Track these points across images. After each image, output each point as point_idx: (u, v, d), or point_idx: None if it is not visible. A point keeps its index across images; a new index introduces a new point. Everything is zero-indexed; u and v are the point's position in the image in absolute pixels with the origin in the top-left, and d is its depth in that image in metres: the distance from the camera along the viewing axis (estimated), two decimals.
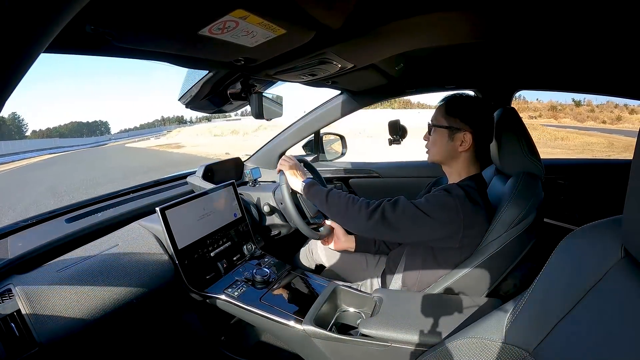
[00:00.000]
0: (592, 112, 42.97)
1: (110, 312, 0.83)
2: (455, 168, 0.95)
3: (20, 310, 0.71)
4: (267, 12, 0.57)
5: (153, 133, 57.50)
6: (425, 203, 0.86)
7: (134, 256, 0.93)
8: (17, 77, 0.23)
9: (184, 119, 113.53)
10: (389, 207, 0.87)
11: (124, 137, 56.71)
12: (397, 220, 0.85)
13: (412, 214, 0.85)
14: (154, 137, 40.83)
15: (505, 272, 0.90)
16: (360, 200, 0.92)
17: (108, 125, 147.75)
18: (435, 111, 0.97)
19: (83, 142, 46.33)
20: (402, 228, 0.85)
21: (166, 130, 57.99)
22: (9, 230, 0.97)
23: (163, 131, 56.71)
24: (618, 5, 0.62)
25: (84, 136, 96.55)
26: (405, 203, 0.87)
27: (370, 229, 0.88)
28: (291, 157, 1.16)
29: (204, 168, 1.43)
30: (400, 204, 0.87)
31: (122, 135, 65.41)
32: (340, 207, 0.93)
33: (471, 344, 0.54)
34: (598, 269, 0.43)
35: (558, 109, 42.78)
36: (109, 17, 0.50)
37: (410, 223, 0.85)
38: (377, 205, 0.88)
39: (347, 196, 0.94)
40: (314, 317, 0.86)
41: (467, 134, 0.90)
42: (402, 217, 0.85)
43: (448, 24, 0.77)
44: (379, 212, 0.86)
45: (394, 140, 1.52)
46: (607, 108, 43.95)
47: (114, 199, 1.26)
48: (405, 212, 0.85)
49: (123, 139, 52.58)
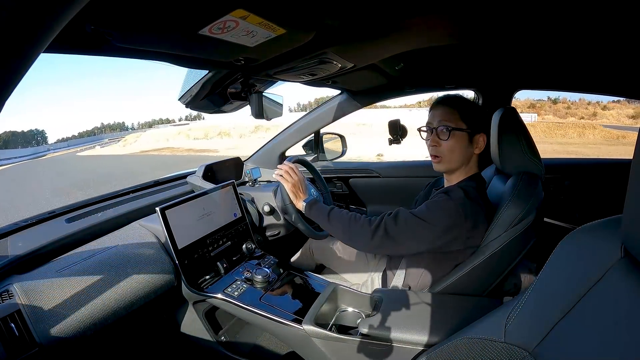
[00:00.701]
0: (569, 109, 43.87)
1: (110, 311, 0.83)
2: (460, 171, 0.94)
3: (20, 311, 0.71)
4: (267, 11, 0.57)
5: (96, 141, 51.46)
6: (426, 211, 0.85)
7: (134, 256, 0.93)
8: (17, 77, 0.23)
9: (125, 125, 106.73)
10: (390, 222, 0.86)
11: (63, 147, 48.46)
12: (400, 234, 0.85)
13: (414, 225, 0.84)
14: (99, 146, 36.59)
15: (505, 271, 0.90)
16: (362, 218, 0.90)
17: (45, 134, 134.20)
18: (444, 115, 0.90)
19: (21, 154, 36.44)
20: (406, 241, 0.85)
21: (109, 138, 51.97)
22: (9, 230, 0.97)
23: (104, 139, 51.58)
24: (618, 5, 0.62)
25: (19, 147, 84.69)
26: (405, 215, 0.86)
27: (374, 247, 0.87)
28: (294, 170, 1.08)
29: (204, 168, 1.43)
30: (400, 217, 0.86)
31: (61, 145, 54.28)
32: (343, 227, 0.91)
33: (471, 344, 0.54)
34: (598, 269, 0.43)
35: (537, 106, 43.18)
36: (110, 17, 0.50)
37: (414, 234, 0.84)
38: (379, 222, 0.87)
39: (349, 215, 0.92)
40: (314, 317, 0.86)
41: (482, 135, 0.90)
42: (405, 229, 0.84)
43: (447, 24, 0.77)
44: (381, 229, 0.85)
45: (394, 140, 1.52)
46: (581, 105, 44.98)
47: (114, 199, 1.26)
48: (408, 224, 0.84)
49: (62, 149, 45.48)
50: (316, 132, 1.80)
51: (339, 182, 1.79)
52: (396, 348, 0.78)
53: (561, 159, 1.69)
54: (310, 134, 1.80)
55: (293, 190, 1.05)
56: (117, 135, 59.64)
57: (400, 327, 0.79)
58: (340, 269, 1.29)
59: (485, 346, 0.51)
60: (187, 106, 1.12)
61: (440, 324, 0.78)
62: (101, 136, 67.88)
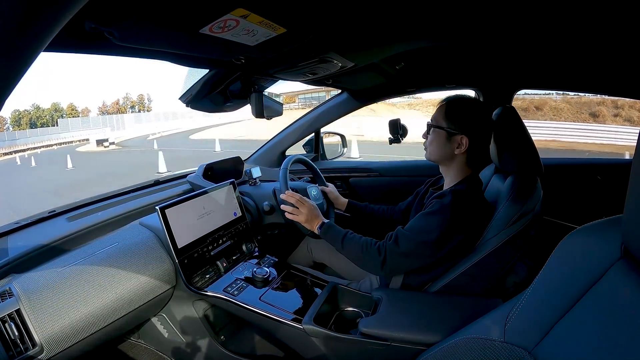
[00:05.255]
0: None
1: (110, 310, 0.83)
2: (451, 168, 0.97)
3: (20, 310, 0.71)
4: (268, 11, 0.57)
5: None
6: (424, 225, 0.88)
7: (134, 255, 0.93)
8: (17, 76, 0.23)
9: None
10: (393, 249, 0.89)
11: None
12: (405, 259, 0.89)
13: (415, 244, 0.87)
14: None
15: (503, 269, 0.90)
16: (371, 248, 0.92)
17: None
18: (436, 111, 0.97)
19: None
20: (412, 262, 0.90)
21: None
22: (9, 229, 0.97)
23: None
24: (619, 5, 0.62)
25: None
26: (404, 237, 0.89)
27: (387, 275, 0.96)
28: (301, 201, 1.05)
29: (204, 167, 1.43)
30: (400, 240, 0.89)
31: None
32: (356, 255, 0.95)
33: (471, 343, 0.54)
34: (598, 268, 0.43)
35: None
36: (110, 15, 0.50)
37: (417, 254, 0.88)
38: (385, 253, 0.90)
39: (361, 243, 0.94)
40: (314, 316, 0.86)
41: (464, 137, 0.91)
42: (408, 252, 0.88)
43: (448, 23, 0.77)
44: (388, 260, 0.89)
45: (395, 139, 1.52)
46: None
47: (114, 198, 1.26)
48: (409, 245, 0.87)
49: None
50: (316, 131, 1.80)
51: (339, 182, 1.79)
52: (396, 348, 0.78)
53: (561, 159, 1.69)
54: (311, 134, 1.80)
55: (307, 222, 1.05)
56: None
57: (400, 326, 0.80)
58: (339, 267, 1.29)
59: (485, 346, 0.51)
60: (188, 105, 1.12)
61: (439, 323, 0.78)
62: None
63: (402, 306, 0.87)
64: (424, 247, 0.86)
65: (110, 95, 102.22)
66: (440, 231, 0.85)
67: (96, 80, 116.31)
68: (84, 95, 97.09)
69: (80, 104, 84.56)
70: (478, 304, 0.85)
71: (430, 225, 0.86)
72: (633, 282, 0.39)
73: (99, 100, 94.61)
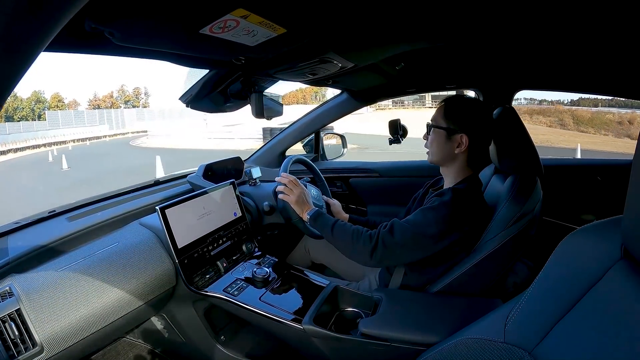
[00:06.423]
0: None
1: (110, 310, 0.83)
2: (452, 169, 0.96)
3: (20, 310, 0.71)
4: (268, 11, 0.57)
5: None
6: (421, 219, 0.87)
7: (134, 255, 0.93)
8: (17, 76, 0.23)
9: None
10: (387, 236, 0.88)
11: None
12: (398, 248, 0.87)
13: (410, 236, 0.86)
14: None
15: (503, 269, 0.90)
16: (363, 235, 0.91)
17: None
18: (436, 111, 0.97)
19: None
20: (404, 253, 0.88)
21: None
22: (10, 229, 0.97)
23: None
24: (619, 5, 0.62)
25: None
26: (400, 227, 0.88)
27: (375, 263, 0.91)
28: (295, 182, 1.08)
29: (204, 167, 1.43)
30: (396, 230, 0.88)
31: None
32: (345, 243, 0.94)
33: (471, 344, 0.54)
34: (598, 269, 0.43)
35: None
36: (110, 16, 0.50)
37: (411, 246, 0.87)
38: (377, 239, 0.89)
39: (351, 231, 0.94)
40: (314, 316, 0.86)
41: (464, 136, 0.91)
42: (402, 242, 0.87)
43: (448, 24, 0.77)
44: (379, 247, 0.87)
45: (395, 139, 1.52)
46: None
47: (114, 198, 1.26)
48: (404, 236, 0.86)
49: None
50: (316, 132, 1.80)
51: (339, 182, 1.79)
52: (396, 348, 0.78)
53: (561, 159, 1.69)
54: (311, 134, 1.80)
55: (297, 204, 1.05)
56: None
57: (400, 327, 0.79)
58: (338, 267, 1.29)
59: (485, 346, 0.51)
60: (188, 105, 1.12)
61: (439, 324, 0.78)
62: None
63: (402, 306, 0.87)
64: (419, 239, 0.85)
65: (102, 87, 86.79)
66: (437, 226, 0.84)
67: (86, 68, 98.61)
68: (71, 85, 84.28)
69: (67, 94, 74.44)
70: (478, 304, 0.85)
71: (429, 220, 0.86)
72: (633, 283, 0.39)
73: (90, 92, 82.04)
